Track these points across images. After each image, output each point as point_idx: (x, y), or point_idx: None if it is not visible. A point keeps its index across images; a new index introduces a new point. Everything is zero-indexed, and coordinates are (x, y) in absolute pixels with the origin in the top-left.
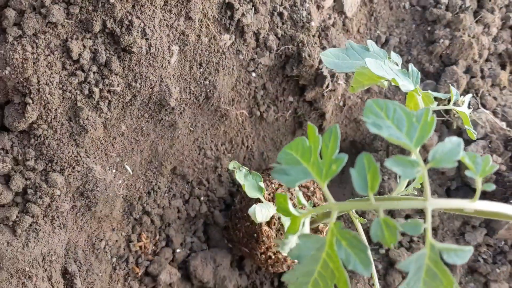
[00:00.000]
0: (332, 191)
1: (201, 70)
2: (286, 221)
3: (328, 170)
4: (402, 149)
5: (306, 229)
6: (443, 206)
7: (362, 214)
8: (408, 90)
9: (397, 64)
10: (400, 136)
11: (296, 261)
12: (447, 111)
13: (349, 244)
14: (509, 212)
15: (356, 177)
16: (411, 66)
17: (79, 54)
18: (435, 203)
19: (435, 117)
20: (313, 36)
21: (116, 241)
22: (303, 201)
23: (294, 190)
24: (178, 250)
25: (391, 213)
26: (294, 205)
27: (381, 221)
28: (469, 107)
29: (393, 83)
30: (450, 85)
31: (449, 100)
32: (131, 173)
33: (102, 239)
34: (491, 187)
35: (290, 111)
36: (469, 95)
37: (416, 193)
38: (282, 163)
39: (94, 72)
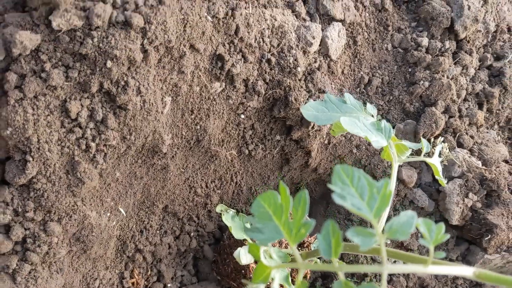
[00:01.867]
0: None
1: (193, 116)
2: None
3: (297, 233)
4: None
5: (276, 283)
6: (398, 271)
7: (341, 255)
8: (380, 146)
9: (372, 116)
10: (361, 207)
11: None
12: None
13: None
14: (459, 273)
15: (321, 241)
16: (383, 122)
17: (77, 113)
18: (390, 269)
19: (392, 191)
20: (299, 80)
21: (110, 279)
22: (275, 256)
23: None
24: (169, 285)
25: None
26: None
27: (342, 283)
28: (440, 156)
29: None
30: (422, 138)
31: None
32: (125, 215)
33: (96, 278)
34: (441, 255)
35: (277, 149)
36: (439, 146)
37: (389, 241)
38: (256, 216)
39: (91, 129)
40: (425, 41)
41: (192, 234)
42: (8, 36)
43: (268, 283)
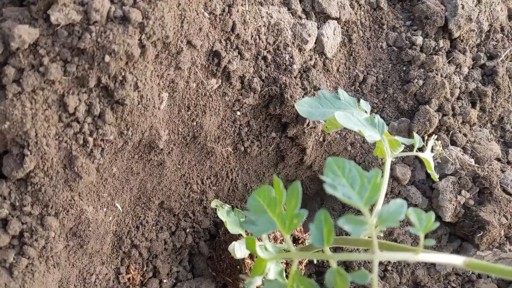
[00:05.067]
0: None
1: (189, 112)
2: None
3: (290, 224)
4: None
5: (271, 274)
6: (389, 258)
7: (335, 250)
8: (374, 140)
9: (366, 112)
10: (352, 196)
11: None
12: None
13: None
14: (449, 261)
15: (314, 231)
16: (377, 117)
17: (75, 108)
18: (381, 256)
19: (383, 180)
20: (295, 77)
21: (106, 274)
22: (270, 248)
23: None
24: (164, 280)
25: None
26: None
27: (334, 270)
28: (432, 151)
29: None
30: (414, 133)
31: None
32: (121, 210)
33: (92, 273)
34: (431, 242)
35: (272, 146)
36: (432, 141)
37: (382, 235)
38: (251, 210)
39: (88, 123)
40: (419, 39)
41: (187, 230)
42: (6, 30)
43: (264, 275)
